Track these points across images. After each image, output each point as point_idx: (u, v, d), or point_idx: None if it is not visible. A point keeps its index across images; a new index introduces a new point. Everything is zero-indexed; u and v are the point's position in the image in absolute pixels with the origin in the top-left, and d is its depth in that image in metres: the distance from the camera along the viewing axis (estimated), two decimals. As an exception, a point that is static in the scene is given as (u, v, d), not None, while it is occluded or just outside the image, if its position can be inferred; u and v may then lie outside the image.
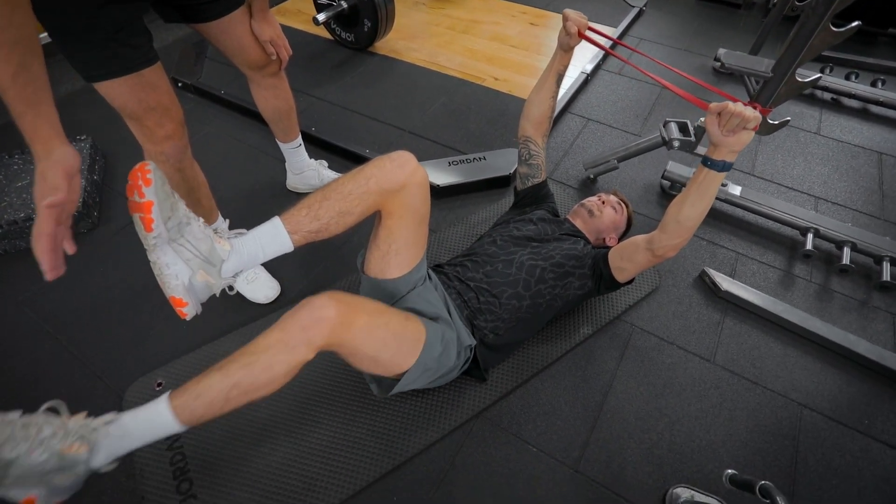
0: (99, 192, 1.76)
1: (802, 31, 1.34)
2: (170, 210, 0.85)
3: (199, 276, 0.88)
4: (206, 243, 0.89)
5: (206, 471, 1.12)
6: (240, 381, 0.84)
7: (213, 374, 0.84)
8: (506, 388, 1.28)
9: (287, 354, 0.85)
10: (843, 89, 2.30)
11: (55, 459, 0.74)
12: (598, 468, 1.17)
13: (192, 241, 0.87)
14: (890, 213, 1.83)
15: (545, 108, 1.42)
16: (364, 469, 1.13)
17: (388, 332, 0.97)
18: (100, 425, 0.80)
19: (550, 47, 2.63)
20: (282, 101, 1.49)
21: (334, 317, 0.87)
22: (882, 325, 1.47)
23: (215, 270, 0.90)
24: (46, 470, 0.74)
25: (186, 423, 0.83)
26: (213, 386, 0.83)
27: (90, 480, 1.11)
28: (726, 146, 0.97)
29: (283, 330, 0.87)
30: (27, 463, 0.73)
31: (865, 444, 1.23)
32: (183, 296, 0.86)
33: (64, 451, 0.75)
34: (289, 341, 0.85)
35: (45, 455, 0.74)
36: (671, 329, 1.44)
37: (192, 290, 0.89)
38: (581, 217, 1.45)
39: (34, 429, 0.75)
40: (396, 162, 1.01)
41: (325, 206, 0.97)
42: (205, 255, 0.88)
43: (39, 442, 0.74)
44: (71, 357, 1.34)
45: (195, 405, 0.82)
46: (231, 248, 0.92)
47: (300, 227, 0.97)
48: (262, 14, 1.26)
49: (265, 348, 0.86)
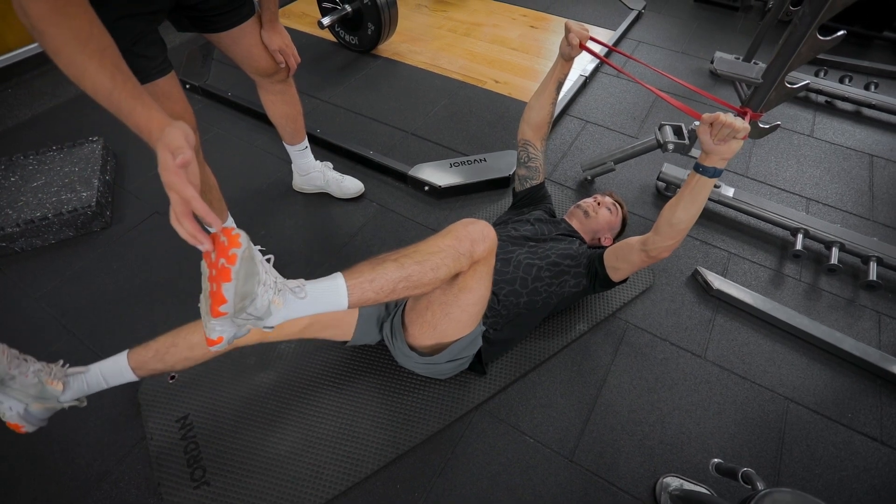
0: (111, 191, 1.81)
1: (791, 38, 1.39)
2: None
3: (35, 406, 0.99)
4: (35, 388, 0.99)
5: (219, 459, 1.18)
6: (411, 274, 0.90)
7: (389, 263, 0.90)
8: (504, 381, 1.33)
9: (453, 261, 0.93)
10: (837, 92, 2.35)
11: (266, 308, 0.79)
12: (592, 458, 1.23)
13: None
14: (879, 215, 1.88)
15: (545, 114, 1.47)
16: (369, 458, 1.19)
17: (482, 294, 1.07)
18: (294, 287, 0.83)
19: (550, 50, 2.68)
20: (289, 105, 1.55)
21: (494, 240, 0.97)
22: (868, 322, 1.52)
23: (52, 401, 1.01)
24: (255, 317, 0.79)
25: (354, 303, 0.88)
26: (386, 274, 0.89)
27: (107, 471, 1.17)
28: (717, 154, 1.02)
29: (455, 238, 0.95)
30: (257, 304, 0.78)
31: (848, 436, 1.29)
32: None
33: (272, 303, 0.80)
34: (458, 248, 0.94)
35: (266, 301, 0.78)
36: (664, 326, 1.50)
37: (29, 416, 0.99)
38: (577, 218, 1.50)
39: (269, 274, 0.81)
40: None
41: None
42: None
43: (267, 288, 0.79)
44: (87, 351, 1.40)
45: (367, 287, 0.87)
46: (64, 387, 1.02)
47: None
48: (272, 24, 1.31)
49: (438, 250, 0.93)
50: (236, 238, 0.72)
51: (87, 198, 1.67)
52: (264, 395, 1.29)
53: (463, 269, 0.96)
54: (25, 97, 2.27)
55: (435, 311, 1.09)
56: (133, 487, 1.16)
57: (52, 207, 1.63)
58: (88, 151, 1.84)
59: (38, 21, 0.70)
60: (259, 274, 0.77)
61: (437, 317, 1.09)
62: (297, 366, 1.35)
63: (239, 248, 0.72)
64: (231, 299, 0.74)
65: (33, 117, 2.18)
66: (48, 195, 1.67)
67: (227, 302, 0.73)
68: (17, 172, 1.75)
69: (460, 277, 1.00)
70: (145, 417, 1.24)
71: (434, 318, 1.10)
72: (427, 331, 1.13)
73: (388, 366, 1.34)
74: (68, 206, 1.63)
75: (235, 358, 1.35)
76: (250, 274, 0.75)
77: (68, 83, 2.34)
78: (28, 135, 2.09)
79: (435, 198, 1.87)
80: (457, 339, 1.15)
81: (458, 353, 1.19)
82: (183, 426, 1.23)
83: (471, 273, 1.00)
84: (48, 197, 1.67)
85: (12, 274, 1.58)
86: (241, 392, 1.29)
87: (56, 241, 1.66)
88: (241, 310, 0.77)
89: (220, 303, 0.73)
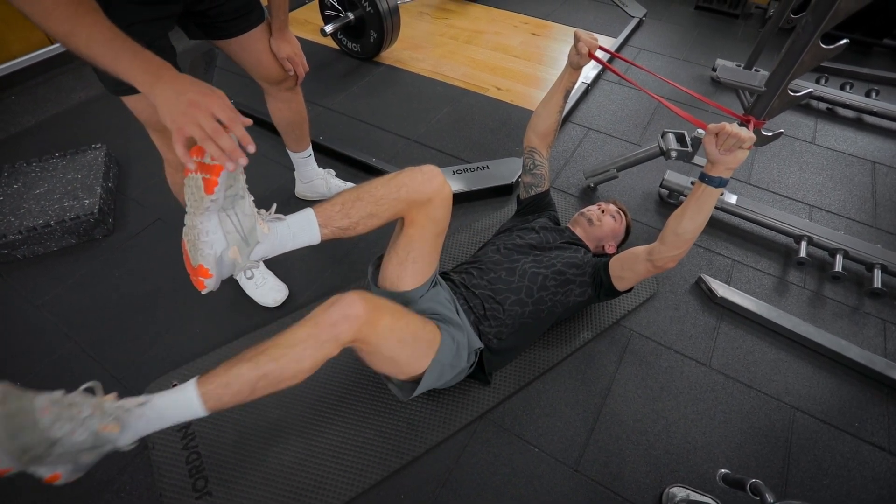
0: (114, 199, 1.81)
1: (794, 47, 1.39)
2: (233, 179, 0.87)
3: (231, 252, 0.89)
4: (250, 221, 0.91)
5: (221, 469, 1.17)
6: (268, 372, 0.87)
7: (243, 364, 0.88)
8: (508, 390, 1.33)
9: (316, 350, 0.89)
10: (839, 99, 2.35)
11: (91, 439, 0.78)
12: (597, 468, 1.22)
13: (239, 216, 0.89)
14: (882, 222, 1.87)
15: (551, 122, 1.47)
16: (372, 468, 1.18)
17: (407, 333, 1.01)
18: (133, 406, 0.83)
19: (552, 57, 2.69)
20: (295, 113, 1.55)
21: (362, 314, 0.91)
22: (873, 330, 1.52)
23: (247, 251, 0.91)
24: (82, 449, 0.77)
25: (211, 410, 0.87)
26: (241, 376, 0.87)
27: (109, 480, 1.16)
28: (723, 164, 1.02)
29: (315, 325, 0.90)
30: (70, 442, 0.76)
31: (856, 445, 1.28)
32: (211, 266, 0.88)
33: (100, 431, 0.79)
34: (319, 336, 0.89)
35: (85, 435, 0.77)
36: (668, 334, 1.49)
37: (221, 263, 0.90)
38: (581, 226, 1.50)
39: (76, 409, 0.78)
40: (427, 175, 1.06)
41: (357, 206, 1.02)
42: (246, 232, 0.90)
43: (81, 422, 0.77)
44: (88, 359, 1.39)
45: (222, 393, 0.86)
46: (269, 231, 0.94)
47: (331, 222, 1.01)
48: (281, 33, 1.31)
49: (296, 342, 0.89)
50: None
51: (90, 205, 1.67)
52: (267, 405, 1.28)
53: (331, 353, 0.91)
54: (29, 104, 2.28)
55: (378, 364, 1.06)
56: (135, 498, 1.15)
57: (54, 214, 1.63)
58: (91, 158, 1.84)
59: None
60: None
61: (386, 366, 1.07)
62: (300, 374, 1.34)
63: None
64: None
65: (36, 124, 2.18)
66: (51, 202, 1.67)
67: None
68: (19, 179, 1.75)
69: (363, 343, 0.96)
70: (147, 427, 1.23)
71: (385, 367, 1.08)
72: (393, 371, 1.10)
73: (392, 374, 1.34)
74: (71, 214, 1.63)
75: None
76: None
77: (69, 91, 2.36)
78: (31, 142, 2.09)
79: (438, 205, 1.86)
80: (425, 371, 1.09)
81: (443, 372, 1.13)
82: (185, 436, 1.22)
83: (363, 343, 0.95)
84: (51, 204, 1.67)
85: (14, 281, 1.58)
86: (243, 401, 1.28)
87: (58, 249, 1.66)
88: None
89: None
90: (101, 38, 0.74)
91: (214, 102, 0.76)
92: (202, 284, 0.89)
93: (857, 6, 1.25)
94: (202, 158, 0.82)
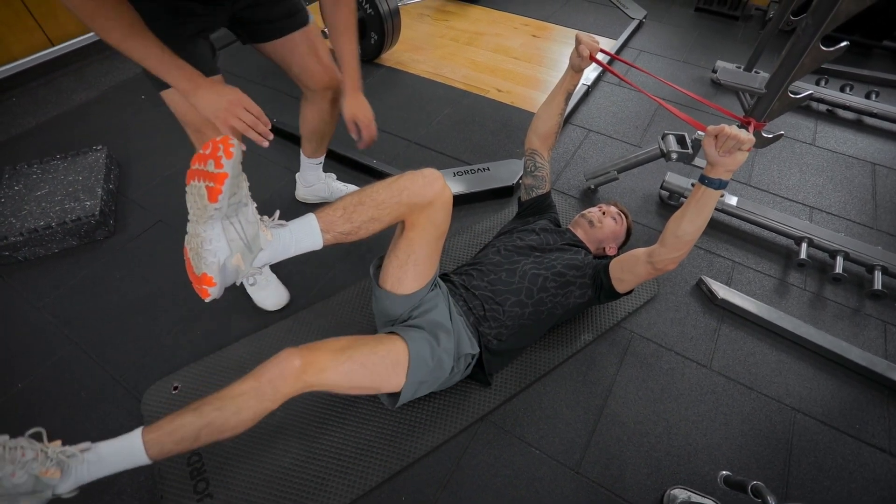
0: (115, 200, 1.81)
1: (794, 49, 1.40)
2: (236, 187, 0.87)
3: (235, 259, 0.90)
4: (253, 228, 0.92)
5: (222, 471, 1.17)
6: (212, 421, 0.91)
7: (188, 414, 0.91)
8: (509, 392, 1.33)
9: (256, 402, 0.93)
10: (838, 101, 2.36)
11: (31, 482, 0.80)
12: (598, 470, 1.22)
13: (242, 223, 0.90)
14: (882, 223, 1.88)
15: (553, 124, 1.48)
16: (373, 470, 1.18)
17: (354, 365, 1.01)
18: (76, 452, 0.85)
19: (552, 59, 2.69)
20: (326, 124, 1.54)
21: (299, 366, 0.94)
22: (873, 332, 1.52)
23: (251, 258, 0.93)
24: (21, 493, 0.79)
25: (154, 458, 0.89)
26: (185, 425, 0.90)
27: (110, 482, 1.16)
28: (723, 166, 1.02)
29: (256, 379, 0.94)
30: (9, 484, 0.78)
31: (857, 447, 1.28)
32: (215, 275, 0.89)
33: (41, 475, 0.80)
34: (259, 389, 0.93)
35: (24, 478, 0.79)
36: (669, 336, 1.49)
37: (224, 271, 0.91)
38: (582, 227, 1.50)
39: (19, 452, 0.80)
40: (428, 178, 1.06)
41: (359, 210, 1.03)
42: (249, 239, 0.91)
43: (22, 465, 0.79)
44: (90, 360, 1.39)
45: (165, 441, 0.89)
46: (272, 238, 0.95)
47: (333, 227, 1.01)
48: (353, 93, 1.32)
49: (238, 394, 0.93)
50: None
51: (91, 207, 1.67)
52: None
53: (271, 406, 0.94)
54: (30, 106, 2.28)
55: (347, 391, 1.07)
56: (136, 500, 1.15)
57: (55, 216, 1.63)
58: (92, 160, 1.85)
59: None
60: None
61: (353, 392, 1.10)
62: (300, 376, 1.34)
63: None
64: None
65: (37, 126, 2.18)
66: (52, 204, 1.67)
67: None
68: (20, 181, 1.75)
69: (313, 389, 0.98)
70: (148, 429, 1.23)
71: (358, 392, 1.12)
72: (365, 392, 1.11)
73: (393, 376, 1.34)
74: (72, 215, 1.63)
75: (239, 369, 1.34)
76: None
77: (72, 92, 2.37)
78: (32, 144, 2.09)
79: (438, 206, 1.87)
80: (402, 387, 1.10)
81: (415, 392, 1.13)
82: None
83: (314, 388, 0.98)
84: (52, 206, 1.67)
85: (15, 283, 1.58)
86: (244, 403, 1.28)
87: (59, 251, 1.66)
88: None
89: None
90: (152, 54, 0.95)
91: (246, 101, 1.05)
92: (206, 293, 0.90)
93: (857, 8, 1.25)
94: (204, 166, 0.82)
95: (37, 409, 1.30)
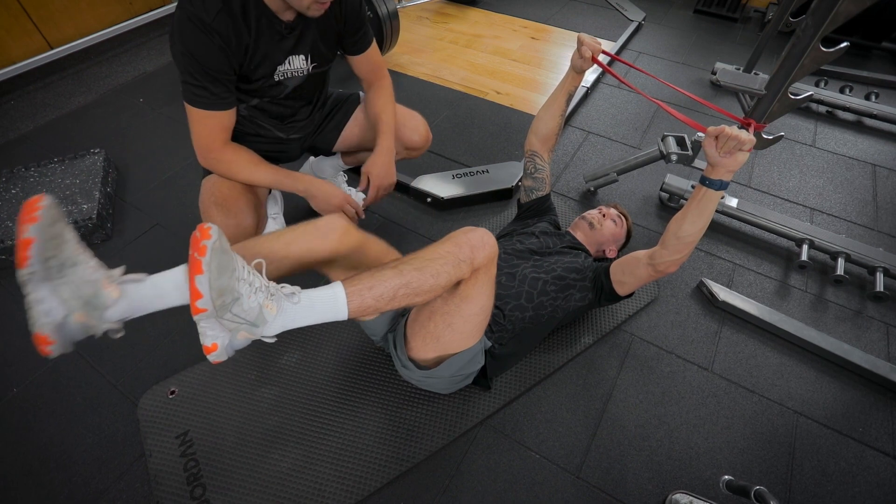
0: (112, 204, 1.80)
1: (794, 50, 1.39)
2: (54, 249, 0.78)
3: (76, 317, 0.81)
4: (91, 287, 0.81)
5: (219, 476, 1.15)
6: (410, 281, 0.89)
7: (387, 271, 0.89)
8: (509, 396, 1.31)
9: (453, 266, 0.92)
10: (838, 102, 2.35)
11: (256, 311, 0.79)
12: (599, 474, 1.20)
13: (76, 283, 0.80)
14: (883, 224, 1.87)
15: (553, 126, 1.47)
16: (372, 475, 1.17)
17: (490, 300, 1.06)
18: (289, 293, 0.84)
19: (551, 61, 2.69)
20: None
21: (495, 247, 0.96)
22: (876, 334, 1.51)
23: (97, 313, 0.83)
24: (245, 320, 0.78)
25: (354, 313, 0.86)
26: (385, 281, 0.88)
27: (105, 489, 1.15)
28: (723, 167, 1.01)
29: (455, 244, 0.94)
30: (245, 305, 0.77)
31: (860, 450, 1.27)
32: (50, 334, 0.79)
33: (263, 307, 0.79)
34: (458, 254, 0.93)
35: (254, 304, 0.78)
36: (670, 338, 1.48)
37: (64, 329, 0.81)
38: (582, 230, 1.49)
39: (255, 277, 0.79)
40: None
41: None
42: (86, 298, 0.81)
43: (255, 290, 0.79)
44: (86, 365, 1.38)
45: (367, 295, 0.86)
46: (120, 294, 0.84)
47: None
48: (382, 151, 1.40)
49: (438, 256, 0.92)
50: (207, 230, 0.74)
51: (88, 210, 1.66)
52: (266, 411, 1.27)
53: (464, 275, 0.94)
54: (27, 109, 2.28)
55: (437, 321, 1.07)
56: (132, 506, 1.13)
57: (52, 220, 1.62)
58: (90, 163, 1.84)
59: None
60: (236, 270, 0.78)
61: (439, 328, 1.08)
62: (298, 381, 1.33)
63: (209, 240, 0.73)
64: (207, 294, 0.74)
65: (35, 129, 2.17)
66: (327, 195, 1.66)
67: (203, 297, 0.74)
68: (18, 184, 1.75)
69: (461, 286, 0.99)
70: (144, 434, 1.22)
71: (437, 329, 1.08)
72: (430, 342, 1.11)
73: (392, 380, 1.32)
74: (69, 219, 1.62)
75: (236, 373, 1.33)
76: (224, 268, 0.76)
77: (70, 95, 2.37)
78: (30, 147, 2.08)
79: (437, 209, 1.86)
80: (459, 352, 1.13)
81: (460, 368, 1.16)
82: (183, 442, 1.21)
83: (472, 281, 0.99)
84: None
85: (12, 287, 1.56)
86: (241, 407, 1.27)
87: (56, 254, 1.65)
88: (224, 308, 0.77)
89: (197, 297, 0.74)
90: (272, 177, 1.28)
91: (348, 200, 1.35)
92: (45, 351, 0.80)
93: (856, 9, 1.25)
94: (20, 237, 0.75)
95: (32, 413, 1.29)
